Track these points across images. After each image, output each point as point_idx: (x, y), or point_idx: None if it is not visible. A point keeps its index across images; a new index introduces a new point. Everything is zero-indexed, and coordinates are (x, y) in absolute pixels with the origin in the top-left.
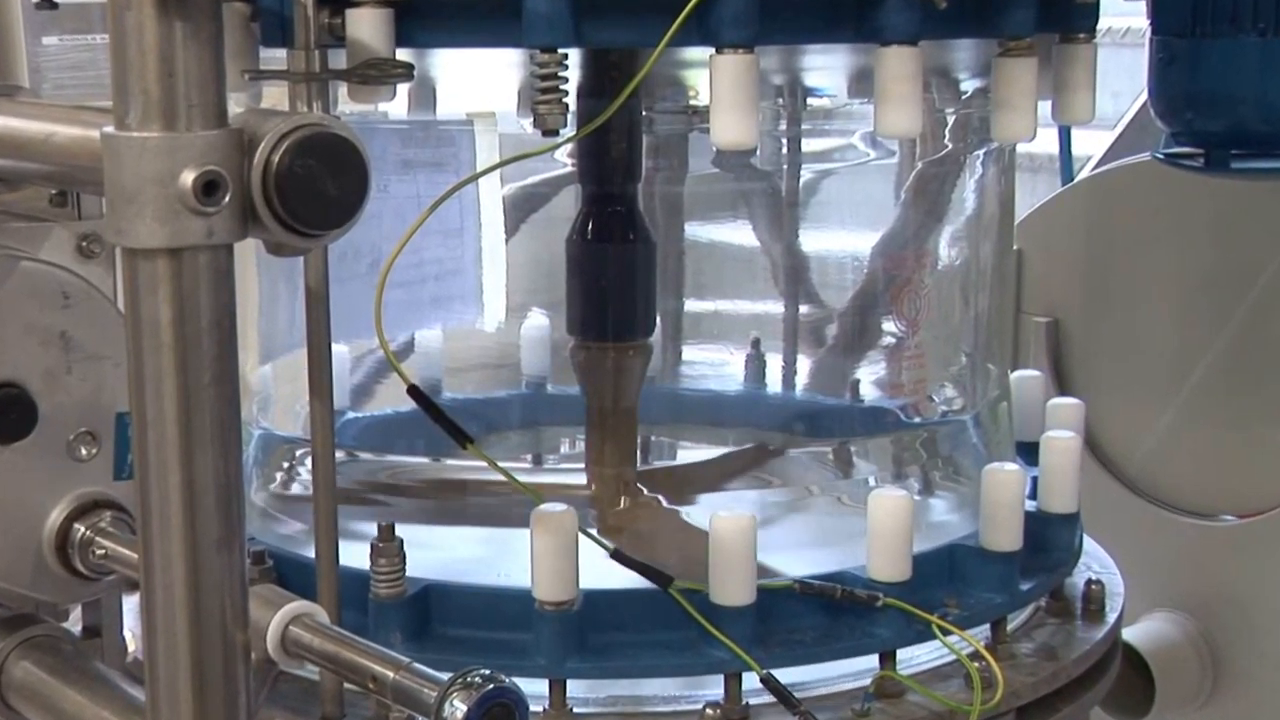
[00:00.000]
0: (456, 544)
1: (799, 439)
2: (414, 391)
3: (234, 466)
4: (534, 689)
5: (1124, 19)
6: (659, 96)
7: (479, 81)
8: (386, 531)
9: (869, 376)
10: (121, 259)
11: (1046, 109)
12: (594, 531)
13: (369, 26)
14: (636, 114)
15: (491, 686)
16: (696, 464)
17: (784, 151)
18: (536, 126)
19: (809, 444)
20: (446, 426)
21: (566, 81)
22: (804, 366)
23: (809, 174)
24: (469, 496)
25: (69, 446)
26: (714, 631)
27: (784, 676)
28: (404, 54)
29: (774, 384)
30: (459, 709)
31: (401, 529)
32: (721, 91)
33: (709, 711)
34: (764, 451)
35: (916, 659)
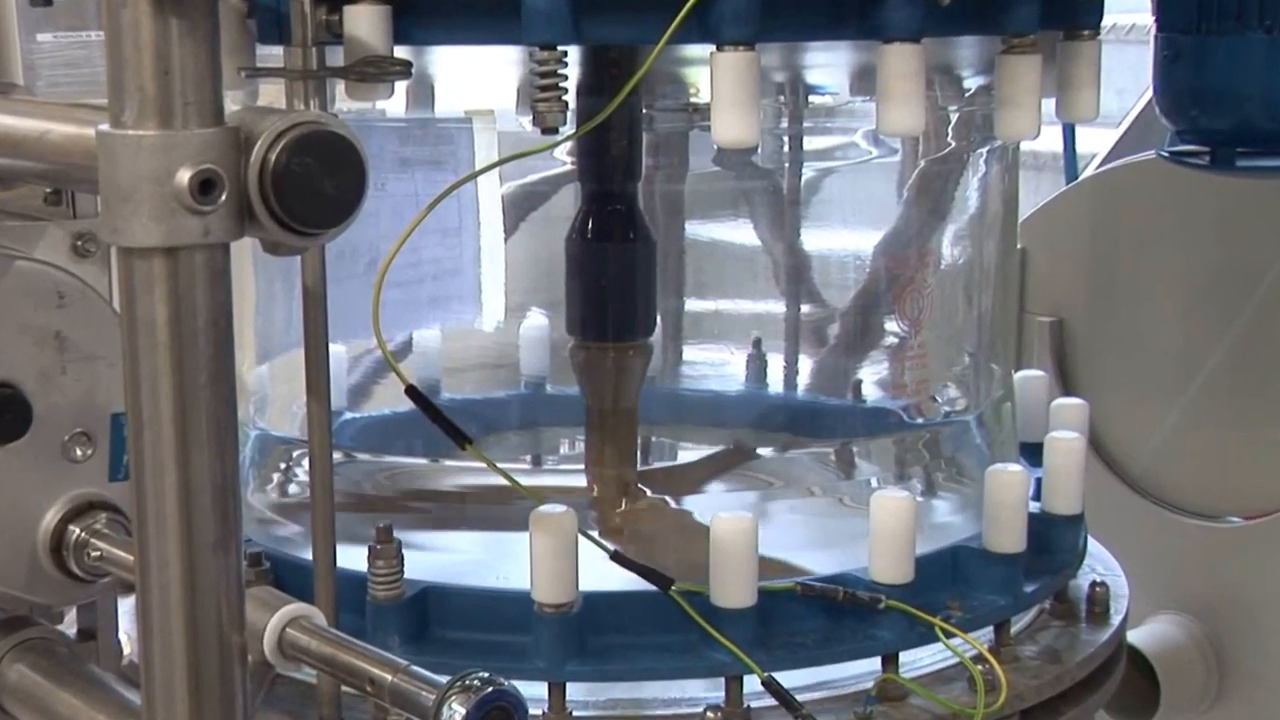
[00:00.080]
0: (455, 545)
1: (800, 440)
2: (412, 392)
3: (230, 467)
4: (533, 692)
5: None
6: (659, 94)
7: (478, 79)
8: (384, 533)
9: (871, 376)
10: (117, 258)
11: (1050, 106)
12: (594, 533)
13: (367, 23)
14: (637, 112)
15: (490, 689)
16: (697, 465)
17: (785, 150)
18: (535, 124)
19: (811, 445)
20: (445, 427)
21: (566, 79)
22: (806, 366)
23: (811, 172)
24: (467, 497)
25: (64, 447)
26: (715, 634)
27: (785, 679)
28: (402, 51)
29: (775, 384)
30: (458, 712)
31: (399, 530)
32: (722, 89)
33: (710, 715)
34: (765, 452)
35: (919, 662)
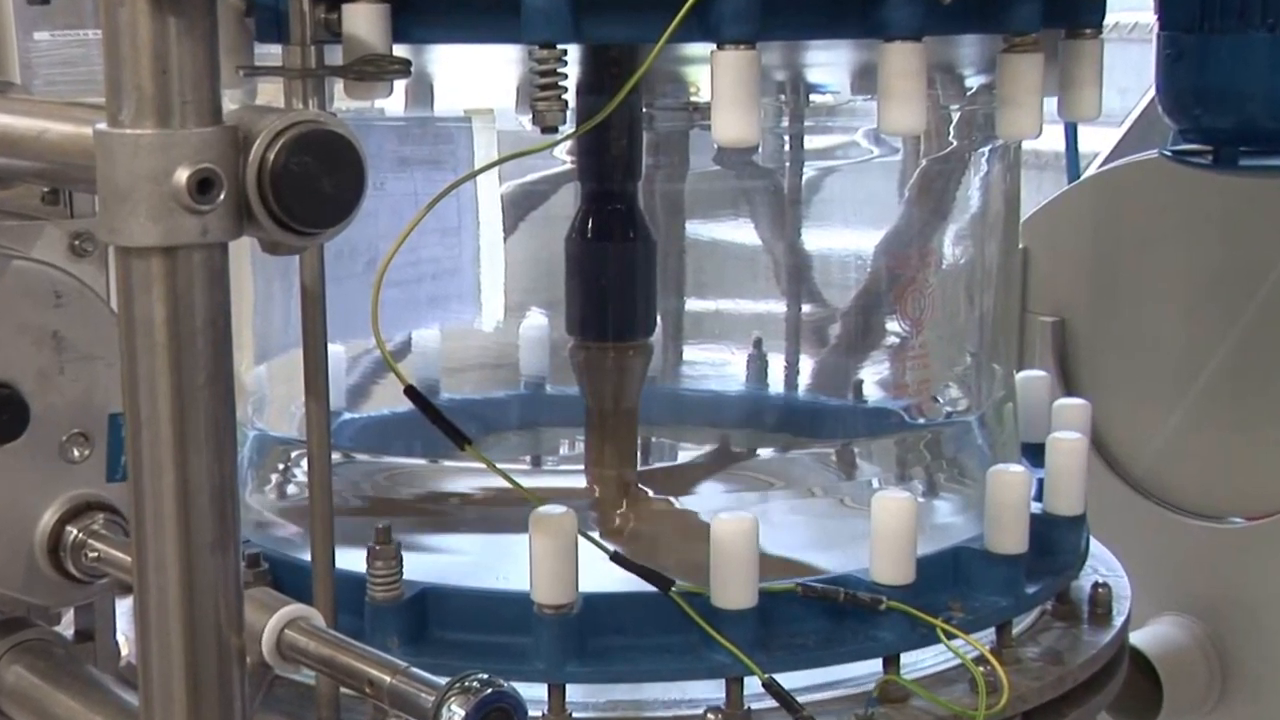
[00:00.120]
0: (454, 546)
1: (801, 440)
2: (411, 392)
3: (229, 468)
4: (533, 693)
5: (1131, 14)
6: (659, 93)
7: (477, 78)
8: (383, 534)
9: (872, 377)
10: (114, 258)
11: (1052, 105)
12: (594, 534)
13: (365, 22)
14: (637, 111)
15: (490, 691)
16: (697, 465)
17: (786, 149)
18: (535, 123)
19: (811, 445)
20: (444, 428)
21: (565, 78)
22: (806, 366)
23: (811, 171)
24: (467, 498)
25: (61, 448)
26: (715, 635)
27: (786, 681)
28: (401, 50)
29: (776, 384)
30: (457, 714)
31: (398, 531)
32: (723, 88)
33: (710, 716)
34: (765, 453)
35: (921, 663)
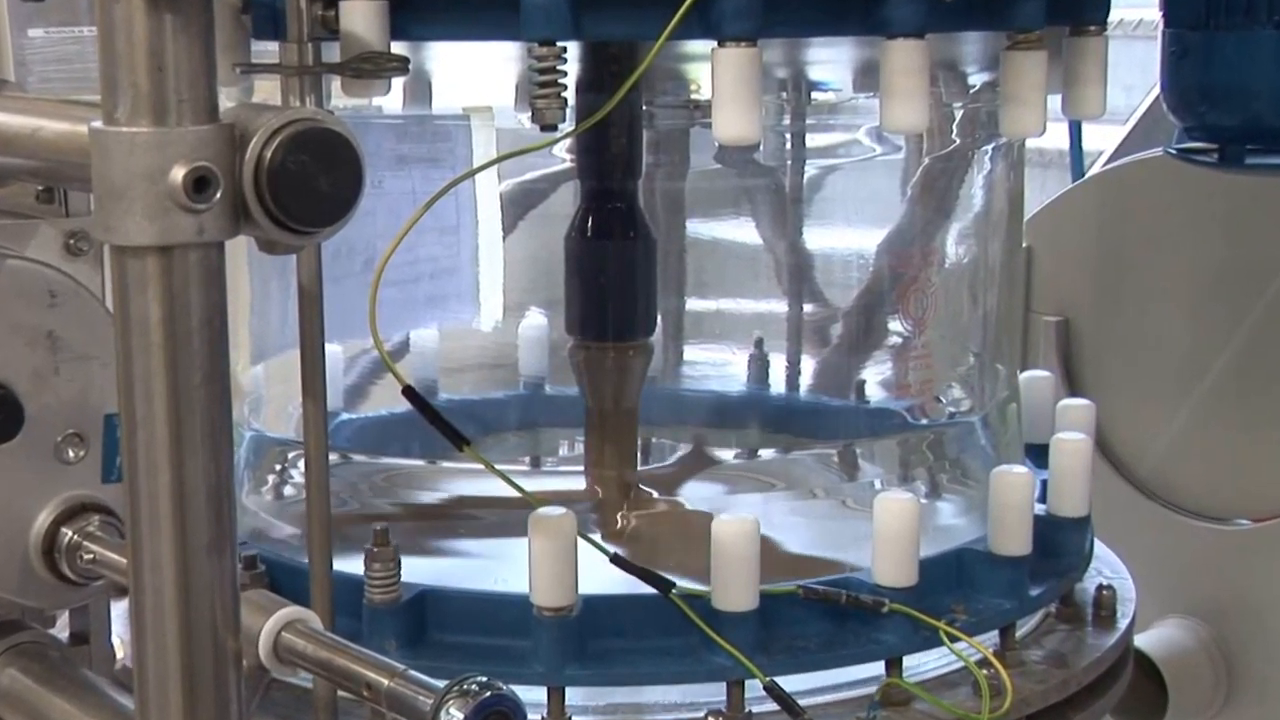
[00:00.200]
0: (453, 548)
1: (803, 441)
2: (409, 392)
3: (225, 469)
4: (532, 696)
5: (1136, 11)
6: (660, 91)
7: (475, 75)
8: (381, 536)
9: (875, 377)
10: (110, 257)
11: (1056, 103)
12: (593, 536)
13: (363, 19)
14: (637, 109)
15: (489, 694)
16: (698, 466)
17: (788, 147)
18: (534, 121)
19: (813, 446)
20: (442, 428)
21: (565, 75)
22: (808, 367)
23: (813, 170)
24: (465, 500)
25: (56, 449)
26: (716, 638)
27: (788, 684)
28: (399, 47)
29: (777, 384)
30: (455, 717)
31: (396, 533)
32: (724, 86)
33: (711, 719)
34: (767, 453)
35: (923, 666)
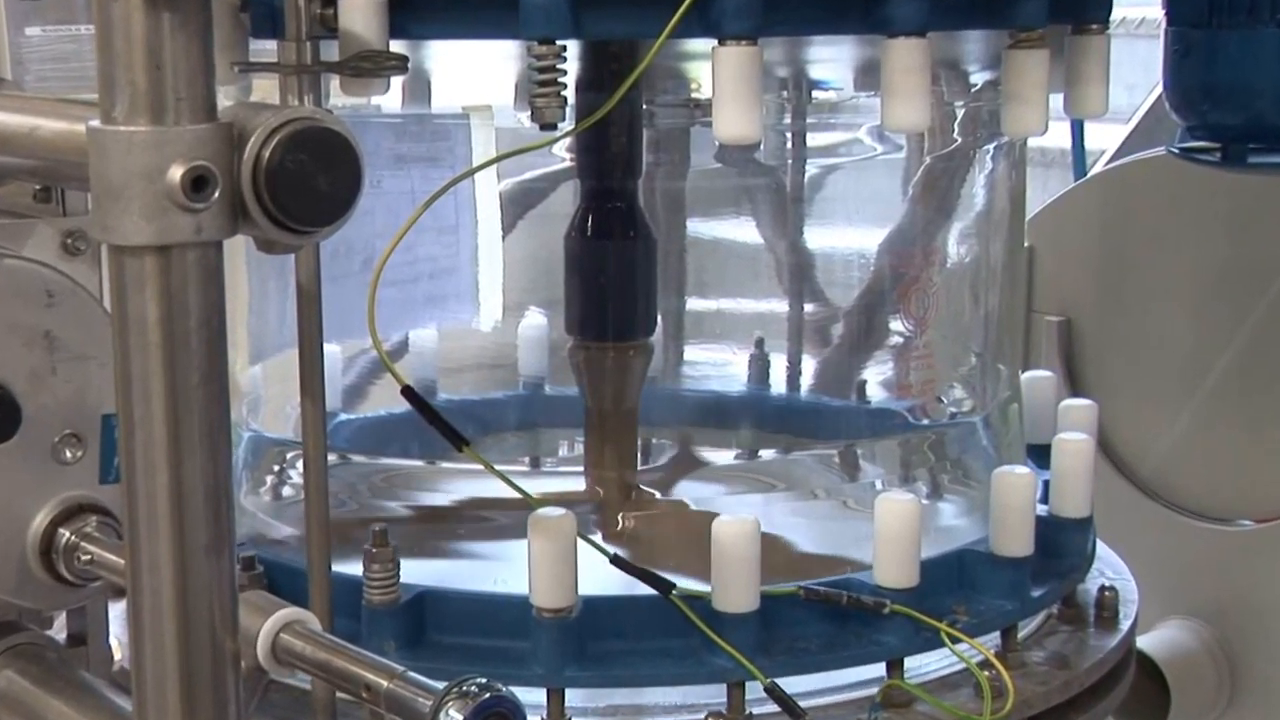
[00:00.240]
0: (451, 549)
1: (804, 441)
2: (408, 393)
3: (223, 469)
4: (532, 698)
5: (1138, 9)
6: (660, 89)
7: (475, 74)
8: (380, 537)
9: (876, 377)
10: (107, 256)
11: (1058, 102)
12: (593, 537)
13: (362, 17)
14: (637, 107)
15: (488, 696)
16: (698, 467)
17: (788, 146)
18: (534, 120)
19: (814, 446)
20: (441, 429)
21: (565, 74)
22: (809, 367)
23: (814, 169)
24: (464, 500)
25: (54, 449)
26: (716, 639)
27: (789, 685)
28: (398, 46)
29: (778, 385)
30: (455, 719)
31: (394, 534)
32: (724, 84)
33: None
34: (767, 454)
35: (925, 667)
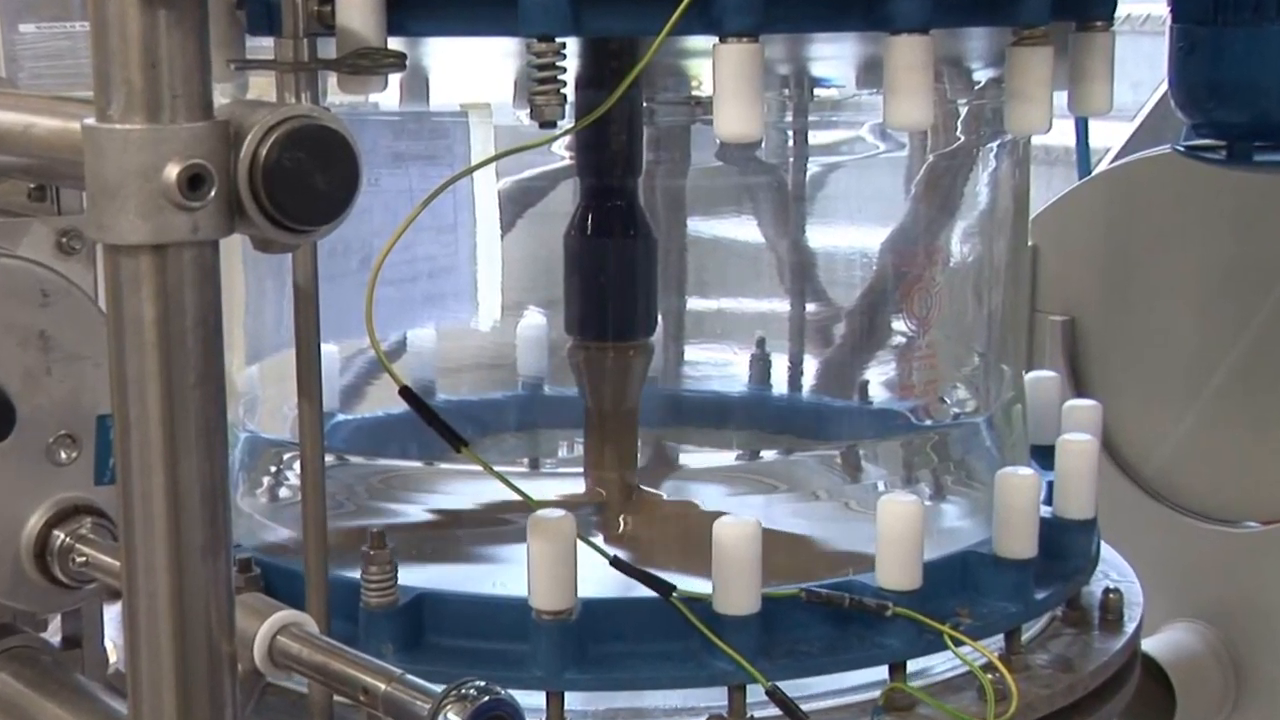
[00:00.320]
0: (450, 551)
1: (805, 442)
2: (406, 393)
3: (219, 471)
4: (531, 701)
5: (1143, 6)
6: (660, 87)
7: (474, 71)
8: (378, 538)
9: (878, 377)
10: (103, 255)
11: (1063, 100)
12: (593, 538)
13: (359, 14)
14: (637, 105)
15: (487, 699)
16: (699, 468)
17: (790, 144)
18: (533, 118)
19: (816, 447)
20: (440, 429)
21: (564, 71)
22: (810, 367)
23: (816, 167)
24: (463, 501)
25: (48, 450)
26: (717, 642)
27: (790, 688)
28: (396, 43)
29: (779, 385)
30: None
31: (392, 535)
32: (725, 82)
33: None
34: (768, 455)
35: (927, 670)
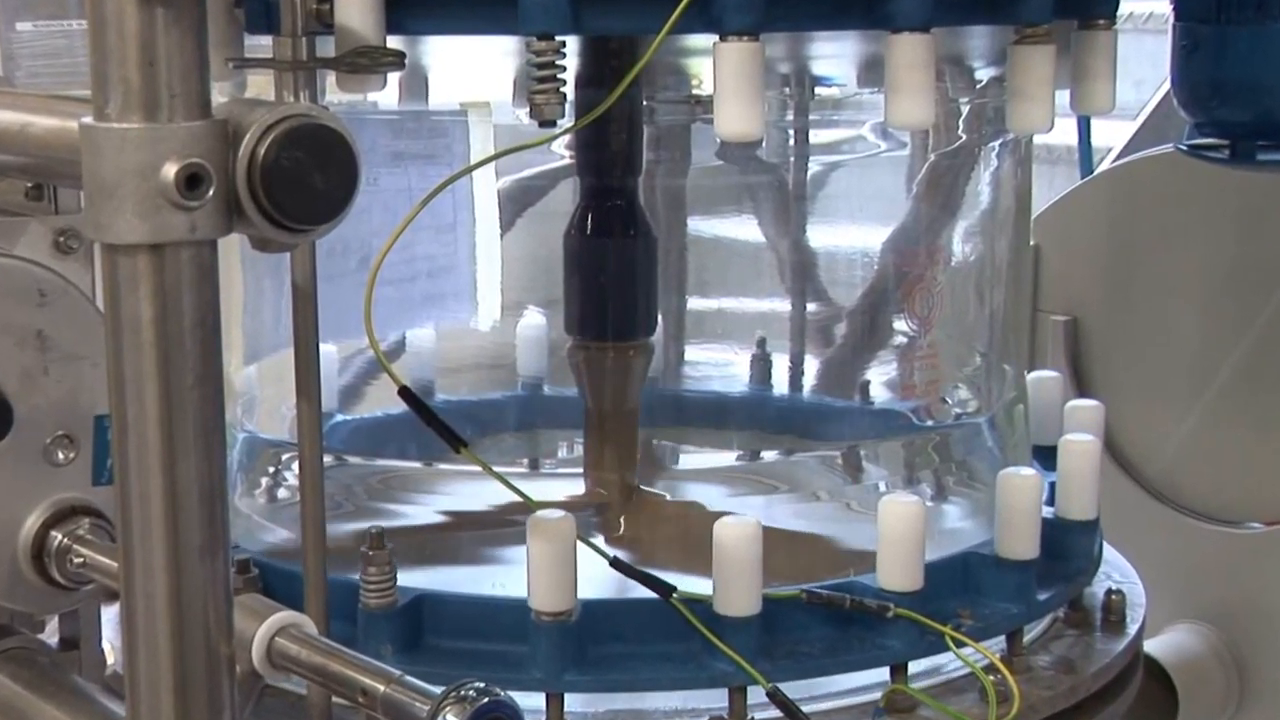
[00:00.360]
0: (449, 552)
1: (806, 442)
2: (405, 393)
3: (218, 471)
4: (531, 703)
5: (1146, 4)
6: (660, 86)
7: (473, 70)
8: (376, 539)
9: (879, 377)
10: (100, 255)
11: (1065, 98)
12: (593, 539)
13: (359, 12)
14: (637, 104)
15: (486, 700)
16: (699, 469)
17: (791, 143)
18: (533, 117)
19: (817, 447)
20: (439, 430)
21: (564, 70)
22: (811, 367)
23: (817, 166)
24: (462, 502)
25: (45, 450)
26: (718, 643)
27: (791, 690)
28: (395, 41)
29: (780, 385)
30: None
31: (391, 536)
32: (725, 81)
33: None
34: (769, 455)
35: (929, 672)
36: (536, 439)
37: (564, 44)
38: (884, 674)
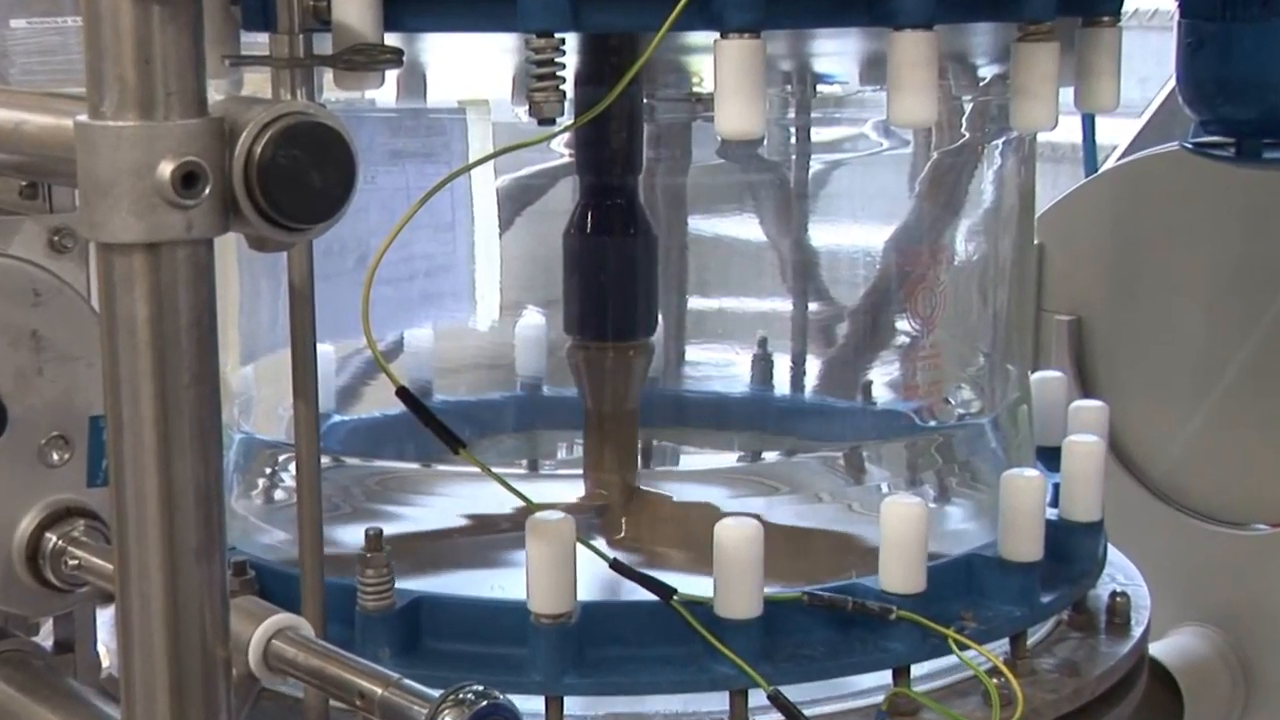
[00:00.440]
0: (448, 554)
1: (808, 443)
2: (403, 393)
3: (214, 472)
4: (530, 706)
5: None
6: (661, 83)
7: (472, 68)
8: (374, 541)
9: (882, 378)
10: (96, 254)
11: (1069, 96)
12: (593, 541)
13: (356, 10)
14: (637, 102)
15: (485, 703)
16: (700, 470)
17: (792, 141)
18: (532, 115)
19: (818, 448)
20: (437, 430)
21: (564, 68)
22: (813, 367)
23: (819, 165)
24: (461, 504)
25: (40, 451)
26: (719, 646)
27: (792, 693)
28: (393, 39)
29: (782, 385)
30: None
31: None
32: (726, 78)
33: None
34: (770, 456)
35: (932, 675)
36: (536, 440)
37: (563, 41)
38: (886, 677)
